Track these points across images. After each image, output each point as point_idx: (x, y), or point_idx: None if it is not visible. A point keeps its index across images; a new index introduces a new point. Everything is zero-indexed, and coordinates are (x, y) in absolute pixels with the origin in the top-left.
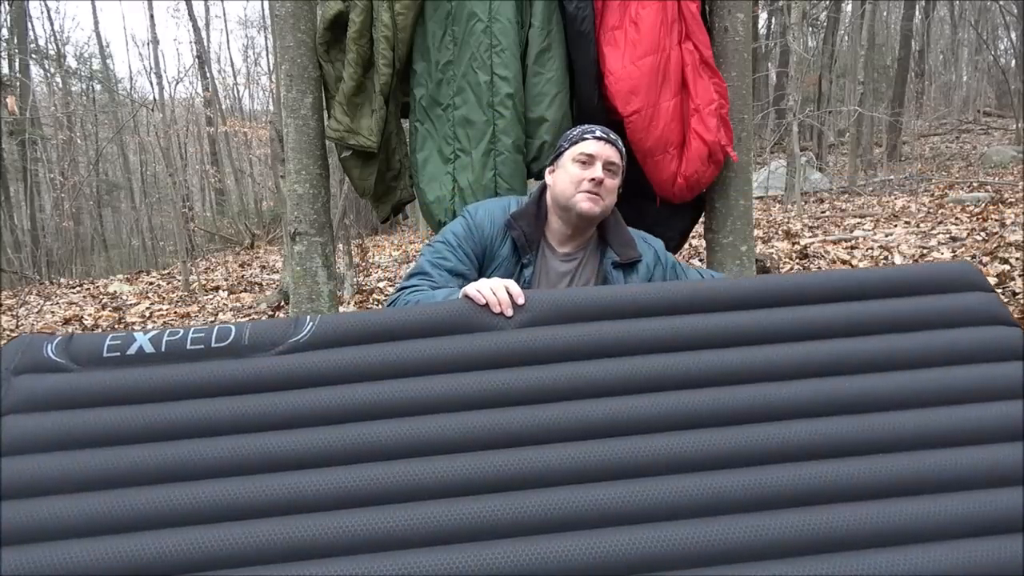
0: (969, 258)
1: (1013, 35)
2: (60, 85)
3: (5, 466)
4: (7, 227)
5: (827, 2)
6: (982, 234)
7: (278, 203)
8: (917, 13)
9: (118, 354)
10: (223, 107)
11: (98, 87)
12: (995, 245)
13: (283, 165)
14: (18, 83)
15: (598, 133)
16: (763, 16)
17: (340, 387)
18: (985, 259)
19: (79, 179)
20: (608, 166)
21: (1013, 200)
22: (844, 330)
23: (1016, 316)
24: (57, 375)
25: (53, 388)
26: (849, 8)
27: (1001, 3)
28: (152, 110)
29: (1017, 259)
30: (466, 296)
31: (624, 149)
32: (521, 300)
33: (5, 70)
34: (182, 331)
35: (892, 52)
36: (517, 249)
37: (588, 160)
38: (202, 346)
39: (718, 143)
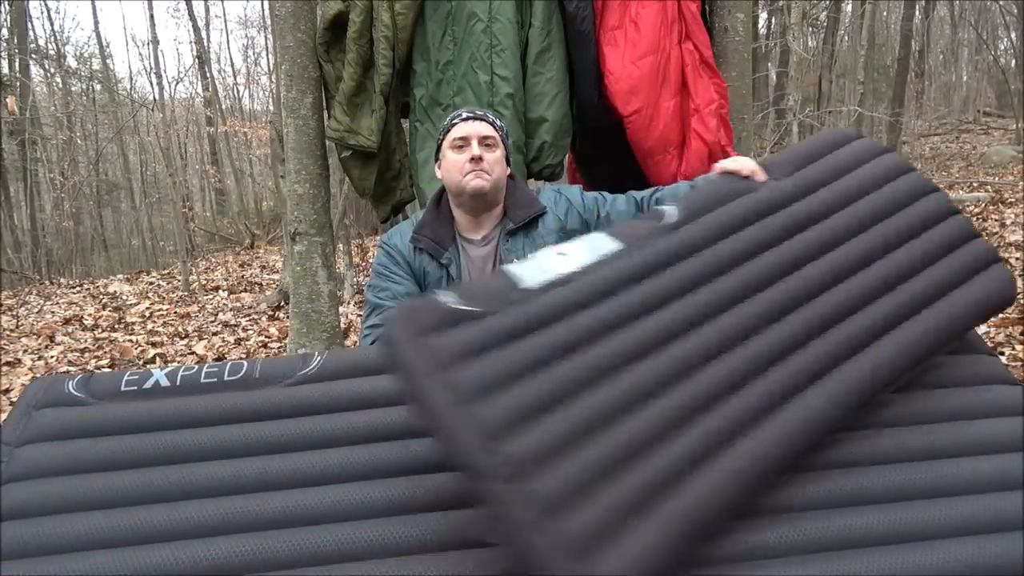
0: None
1: (1013, 35)
2: (60, 85)
3: (23, 491)
4: (7, 227)
5: (827, 2)
6: (982, 234)
7: (278, 203)
8: (917, 13)
9: (135, 388)
10: (223, 107)
11: (98, 87)
12: (995, 245)
13: (283, 165)
14: (18, 83)
15: (464, 115)
16: (763, 16)
17: (349, 413)
18: None
19: (79, 179)
20: (483, 141)
21: (1013, 200)
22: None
23: (1016, 316)
24: (76, 408)
25: (71, 419)
26: (849, 8)
27: (1001, 3)
28: (152, 110)
29: (1017, 259)
30: (724, 171)
31: (499, 122)
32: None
33: (5, 70)
34: (196, 367)
35: (892, 52)
36: (433, 256)
37: (463, 143)
38: (215, 379)
39: (718, 143)
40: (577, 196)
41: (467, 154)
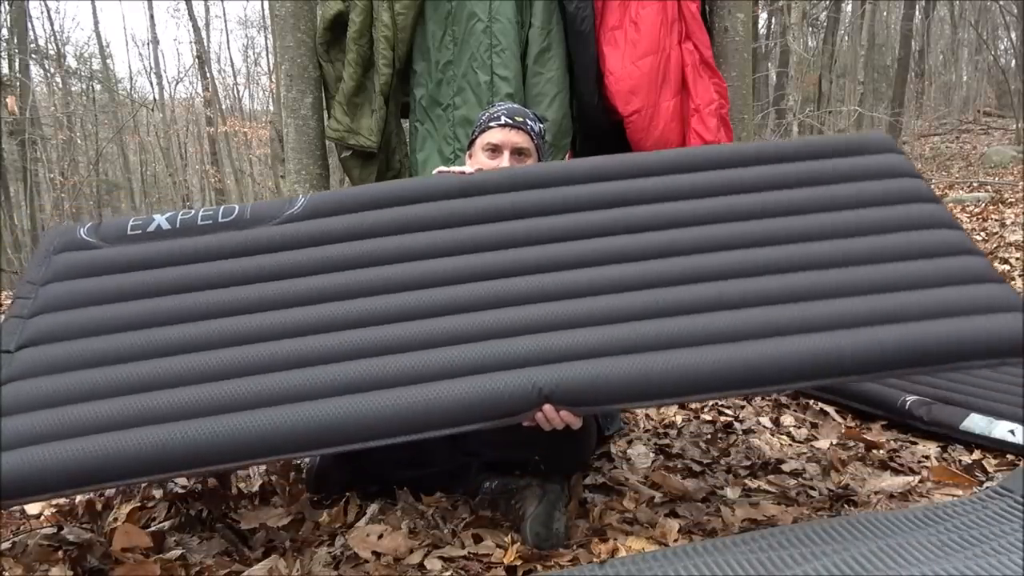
0: None
1: (1013, 35)
2: (60, 85)
3: (48, 321)
4: (7, 227)
5: (827, 2)
6: (982, 234)
7: None
8: (917, 13)
9: (140, 231)
10: (223, 107)
11: (98, 87)
12: (995, 245)
13: (283, 165)
14: (18, 83)
15: (503, 120)
16: (763, 16)
17: (330, 246)
18: None
19: (79, 179)
20: (516, 152)
21: (1013, 200)
22: (765, 185)
23: None
24: (89, 251)
25: (85, 260)
26: (849, 8)
27: (1001, 3)
28: (152, 110)
29: (1017, 259)
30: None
31: (537, 125)
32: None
33: (5, 70)
34: (193, 211)
35: (892, 52)
36: None
37: (495, 149)
38: (211, 221)
39: (718, 143)
40: None
41: (497, 162)
